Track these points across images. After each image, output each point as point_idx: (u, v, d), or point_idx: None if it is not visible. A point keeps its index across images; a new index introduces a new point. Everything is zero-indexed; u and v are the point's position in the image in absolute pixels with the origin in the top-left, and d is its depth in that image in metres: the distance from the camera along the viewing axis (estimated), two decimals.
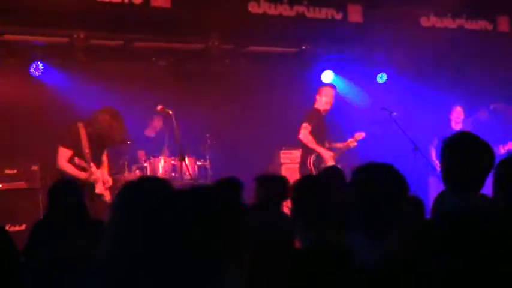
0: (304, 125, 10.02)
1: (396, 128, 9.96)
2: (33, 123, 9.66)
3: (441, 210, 3.41)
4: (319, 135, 10.07)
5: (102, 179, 8.37)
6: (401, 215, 2.72)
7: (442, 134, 10.49)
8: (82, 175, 8.10)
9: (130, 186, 2.86)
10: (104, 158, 8.63)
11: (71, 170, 8.10)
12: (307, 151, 10.02)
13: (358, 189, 2.77)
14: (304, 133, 10.00)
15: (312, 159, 9.91)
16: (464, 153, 3.41)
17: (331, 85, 10.72)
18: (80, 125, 8.23)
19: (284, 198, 5.57)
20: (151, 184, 2.87)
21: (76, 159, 8.07)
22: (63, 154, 8.12)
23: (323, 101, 10.30)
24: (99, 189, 8.29)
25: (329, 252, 3.17)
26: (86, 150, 8.15)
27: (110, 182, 8.54)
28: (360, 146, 11.15)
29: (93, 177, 8.21)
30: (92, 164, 8.19)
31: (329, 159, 9.77)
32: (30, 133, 9.50)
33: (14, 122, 9.62)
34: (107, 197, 8.37)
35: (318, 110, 10.27)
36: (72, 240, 4.81)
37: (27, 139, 9.42)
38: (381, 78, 12.16)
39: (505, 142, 10.54)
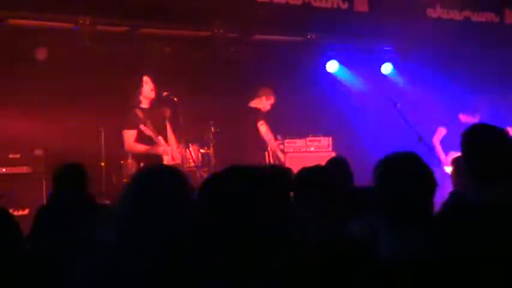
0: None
1: (400, 118, 9.94)
2: (37, 108, 9.64)
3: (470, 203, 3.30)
4: None
5: (171, 154, 8.85)
6: (428, 210, 2.70)
7: (449, 125, 10.58)
8: (151, 148, 8.63)
9: (144, 173, 2.86)
10: (171, 135, 9.17)
11: (140, 148, 8.67)
12: None
13: (387, 180, 2.74)
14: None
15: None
16: (488, 145, 3.34)
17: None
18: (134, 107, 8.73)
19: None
20: (164, 171, 2.87)
21: (142, 127, 8.52)
22: (128, 136, 8.66)
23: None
24: (166, 161, 8.63)
25: (348, 244, 3.14)
26: (148, 126, 8.59)
27: (178, 159, 9.02)
28: (364, 137, 11.17)
29: (161, 148, 8.67)
30: (160, 137, 8.69)
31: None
32: (34, 118, 9.48)
33: (18, 107, 9.59)
34: None
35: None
36: (76, 225, 4.81)
37: (31, 124, 9.40)
38: (386, 68, 12.13)
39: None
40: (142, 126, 8.55)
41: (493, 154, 3.29)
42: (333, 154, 10.00)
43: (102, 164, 9.48)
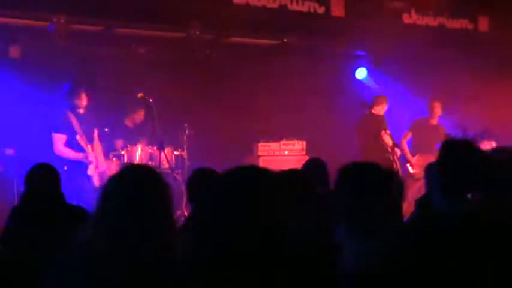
0: None
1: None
2: (9, 108, 9.54)
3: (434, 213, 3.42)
4: None
5: (96, 162, 8.76)
6: (388, 216, 2.72)
7: (418, 129, 10.71)
8: (79, 156, 8.56)
9: (121, 174, 2.83)
10: (97, 143, 9.01)
11: (68, 153, 8.56)
12: None
13: (346, 189, 2.75)
14: None
15: None
16: (461, 158, 3.49)
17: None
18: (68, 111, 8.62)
19: None
20: (141, 171, 2.85)
21: (78, 137, 8.49)
22: (57, 139, 8.53)
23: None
24: (90, 170, 8.62)
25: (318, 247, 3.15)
26: (79, 130, 8.56)
27: (103, 165, 8.90)
28: (339, 141, 11.18)
29: (89, 158, 8.62)
30: (89, 146, 8.66)
31: None
32: (5, 118, 9.39)
33: None
34: (95, 180, 8.70)
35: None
36: (49, 227, 4.75)
37: (2, 124, 9.31)
38: (360, 73, 12.17)
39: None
40: (78, 136, 8.52)
41: (463, 168, 3.45)
42: (306, 157, 10.00)
43: None
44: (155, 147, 9.66)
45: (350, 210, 2.73)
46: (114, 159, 9.79)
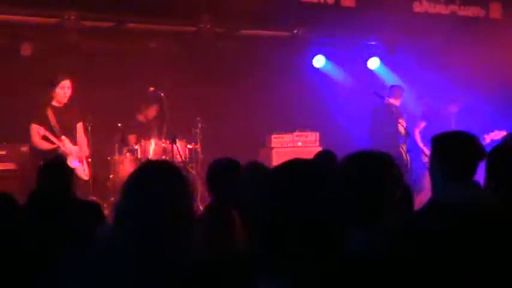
0: None
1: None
2: (23, 104, 9.58)
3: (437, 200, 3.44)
4: None
5: (76, 154, 8.81)
6: (392, 205, 2.71)
7: (430, 119, 10.66)
8: (50, 146, 8.61)
9: (141, 170, 2.84)
10: (81, 136, 9.03)
11: (42, 145, 8.64)
12: None
13: (349, 177, 2.75)
14: None
15: None
16: (457, 148, 3.57)
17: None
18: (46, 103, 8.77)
19: None
20: (161, 166, 2.87)
21: (42, 130, 8.56)
22: (36, 131, 8.58)
23: None
24: (69, 162, 8.45)
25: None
26: (53, 122, 8.66)
27: (83, 159, 8.98)
28: (351, 132, 11.18)
29: (62, 149, 8.64)
30: (63, 137, 8.69)
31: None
32: (20, 114, 9.43)
33: (4, 103, 9.55)
34: (79, 172, 8.78)
35: None
36: (61, 221, 4.79)
37: (17, 120, 9.35)
38: (372, 63, 12.14)
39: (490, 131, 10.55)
40: (43, 130, 8.56)
41: (464, 157, 3.51)
42: (320, 149, 10.00)
43: None
44: (168, 141, 9.69)
45: (353, 197, 2.73)
46: (127, 154, 9.84)
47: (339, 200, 2.39)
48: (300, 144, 11.14)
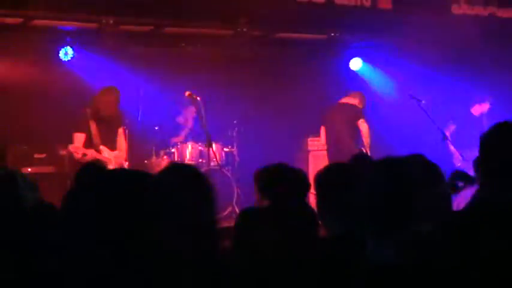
0: None
1: (424, 116, 9.88)
2: (62, 108, 9.71)
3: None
4: None
5: (114, 161, 8.55)
6: (420, 212, 2.66)
7: (460, 121, 10.53)
8: (86, 160, 8.12)
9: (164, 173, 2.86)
10: (121, 140, 8.85)
11: (81, 157, 8.32)
12: None
13: (378, 182, 2.71)
14: None
15: None
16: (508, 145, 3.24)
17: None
18: (88, 110, 8.53)
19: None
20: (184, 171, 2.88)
21: (83, 139, 8.38)
22: (77, 139, 8.43)
23: None
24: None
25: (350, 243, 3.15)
26: (94, 132, 8.44)
27: (124, 165, 8.74)
28: (388, 135, 11.11)
29: (99, 157, 8.35)
30: (101, 147, 8.47)
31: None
32: (59, 118, 9.55)
33: (44, 107, 9.68)
34: None
35: None
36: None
37: (56, 124, 9.48)
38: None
39: None
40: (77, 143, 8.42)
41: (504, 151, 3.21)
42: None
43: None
44: (204, 144, 9.75)
45: (385, 201, 2.68)
46: (165, 157, 9.92)
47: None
48: None
